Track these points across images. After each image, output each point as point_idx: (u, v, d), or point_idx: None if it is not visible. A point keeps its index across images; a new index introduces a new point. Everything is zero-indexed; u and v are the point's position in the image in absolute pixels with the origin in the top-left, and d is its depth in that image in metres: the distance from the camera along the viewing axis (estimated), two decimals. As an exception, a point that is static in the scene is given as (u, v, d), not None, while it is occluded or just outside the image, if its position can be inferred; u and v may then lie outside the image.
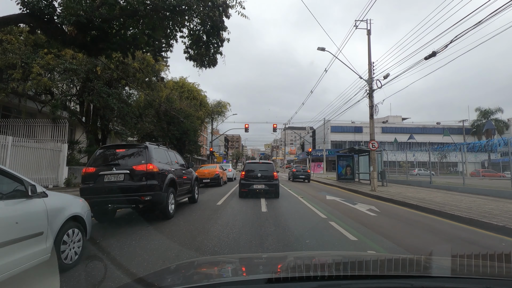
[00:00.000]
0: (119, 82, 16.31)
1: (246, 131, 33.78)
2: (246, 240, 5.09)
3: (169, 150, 8.28)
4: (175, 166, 8.02)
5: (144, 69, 17.35)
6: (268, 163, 11.93)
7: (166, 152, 7.70)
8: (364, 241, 5.21)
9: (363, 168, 22.11)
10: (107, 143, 17.14)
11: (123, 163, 6.24)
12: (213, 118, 35.73)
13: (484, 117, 55.16)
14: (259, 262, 1.91)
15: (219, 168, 18.73)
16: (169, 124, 23.29)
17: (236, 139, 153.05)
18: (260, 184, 11.00)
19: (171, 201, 6.96)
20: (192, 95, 30.37)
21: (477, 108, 56.05)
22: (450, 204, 9.37)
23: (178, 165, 8.32)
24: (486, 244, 5.21)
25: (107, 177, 5.99)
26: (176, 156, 8.57)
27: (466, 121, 54.08)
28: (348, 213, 8.23)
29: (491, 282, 1.16)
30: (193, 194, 9.50)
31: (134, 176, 6.04)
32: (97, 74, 14.10)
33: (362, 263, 1.56)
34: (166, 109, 22.32)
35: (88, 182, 6.07)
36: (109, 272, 3.46)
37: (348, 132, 61.01)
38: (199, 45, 8.11)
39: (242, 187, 11.17)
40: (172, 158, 8.00)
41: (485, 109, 55.35)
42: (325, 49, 15.19)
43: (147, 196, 6.03)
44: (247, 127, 33.57)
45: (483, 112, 55.40)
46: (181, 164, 8.90)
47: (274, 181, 11.17)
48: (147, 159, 6.24)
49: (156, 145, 7.29)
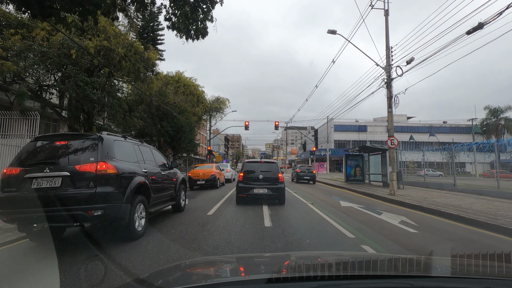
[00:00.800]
0: (101, 70, 14.35)
1: (246, 129, 31.84)
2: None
3: (143, 144, 6.32)
4: (151, 166, 6.08)
5: (132, 57, 15.40)
6: (271, 163, 9.94)
7: (137, 148, 5.74)
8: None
9: (374, 169, 20.15)
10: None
11: (62, 161, 4.29)
12: (212, 115, 33.67)
13: (494, 116, 53.17)
14: (259, 262, 1.88)
15: (216, 168, 16.77)
16: (162, 120, 21.30)
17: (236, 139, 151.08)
18: (261, 188, 9.04)
19: (139, 214, 5.01)
20: (188, 90, 28.34)
21: (486, 107, 54.02)
22: (504, 216, 7.39)
23: (155, 164, 6.37)
24: None
25: (36, 182, 4.04)
26: (153, 152, 6.62)
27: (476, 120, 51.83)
28: (378, 228, 6.25)
29: (491, 282, 1.14)
30: (178, 201, 7.54)
31: (77, 181, 4.09)
32: (72, 59, 12.14)
33: (362, 263, 1.54)
34: (158, 104, 20.34)
35: (8, 189, 4.12)
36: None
37: (351, 131, 59.02)
38: (181, 5, 6.12)
39: (240, 192, 9.21)
40: (146, 155, 6.04)
41: (494, 107, 53.34)
42: (336, 32, 13.23)
43: (97, 210, 4.08)
44: (247, 124, 31.63)
45: (493, 111, 53.37)
46: (161, 164, 6.96)
47: (279, 184, 9.21)
48: (99, 155, 4.28)
49: (120, 137, 5.35)
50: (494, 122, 52.22)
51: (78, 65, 12.82)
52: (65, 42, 12.13)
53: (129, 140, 5.61)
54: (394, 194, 12.34)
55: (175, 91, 25.60)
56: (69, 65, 12.32)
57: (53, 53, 11.70)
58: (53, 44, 12.10)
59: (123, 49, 14.34)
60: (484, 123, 54.90)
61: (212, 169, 16.17)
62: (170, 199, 7.15)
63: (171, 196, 7.22)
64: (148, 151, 6.35)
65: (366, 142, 54.39)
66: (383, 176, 18.07)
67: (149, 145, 6.91)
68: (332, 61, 18.64)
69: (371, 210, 8.75)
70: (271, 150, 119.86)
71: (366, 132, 59.01)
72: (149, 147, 6.53)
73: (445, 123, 62.65)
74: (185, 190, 8.25)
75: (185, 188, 8.37)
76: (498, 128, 51.97)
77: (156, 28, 31.54)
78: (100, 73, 14.29)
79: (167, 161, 7.37)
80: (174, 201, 7.38)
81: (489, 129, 52.48)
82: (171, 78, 28.29)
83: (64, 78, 12.91)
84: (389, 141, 12.67)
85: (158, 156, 6.92)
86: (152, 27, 31.19)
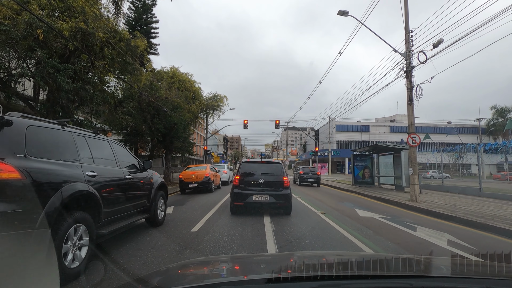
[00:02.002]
0: (79, 58, 12.56)
1: (245, 128, 30.07)
2: None
3: (100, 137, 4.54)
4: (108, 167, 4.32)
5: (116, 45, 13.62)
6: (274, 163, 8.11)
7: (83, 141, 3.96)
8: None
9: (384, 171, 18.39)
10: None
11: None
12: (209, 113, 31.78)
13: (501, 116, 51.62)
14: (259, 262, 1.86)
15: (210, 170, 14.98)
16: (153, 116, 19.48)
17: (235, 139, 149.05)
18: (263, 195, 7.26)
19: (75, 242, 3.24)
20: (183, 85, 26.45)
21: (492, 106, 52.59)
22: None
23: (116, 165, 4.60)
24: None
25: None
26: (115, 149, 4.84)
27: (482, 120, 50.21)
28: (427, 255, 4.48)
29: (491, 282, 1.13)
30: (154, 212, 5.77)
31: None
32: (40, 40, 10.36)
33: (362, 263, 1.53)
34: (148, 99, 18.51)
35: None
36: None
37: (354, 132, 57.37)
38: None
39: (235, 199, 7.41)
40: (99, 153, 4.28)
41: (501, 107, 51.85)
42: (348, 13, 11.49)
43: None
44: (246, 122, 29.87)
45: (499, 111, 51.90)
46: (130, 165, 5.20)
47: (285, 190, 7.43)
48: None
49: (55, 124, 3.60)
50: (501, 122, 50.66)
51: (48, 48, 11.04)
52: (33, 21, 10.35)
53: (71, 130, 3.82)
54: (416, 201, 10.58)
55: (169, 87, 23.76)
56: (37, 48, 10.53)
57: (16, 33, 9.92)
58: (18, 23, 10.33)
59: (104, 34, 12.54)
60: (490, 123, 53.33)
61: (206, 170, 14.38)
62: (141, 211, 5.38)
63: (143, 207, 5.45)
64: (106, 147, 4.58)
65: (369, 143, 52.69)
66: (395, 178, 16.32)
67: (112, 140, 5.10)
68: (339, 53, 16.92)
69: (399, 223, 6.99)
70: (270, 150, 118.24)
71: (368, 133, 57.38)
72: (108, 141, 4.73)
73: (449, 123, 61.06)
74: (164, 198, 6.47)
75: (165, 195, 6.58)
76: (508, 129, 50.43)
77: (150, 21, 29.83)
78: (77, 60, 12.47)
79: (138, 161, 5.60)
80: (148, 213, 5.61)
81: (496, 129, 50.92)
82: (165, 74, 26.49)
83: (36, 65, 11.15)
84: (409, 138, 10.92)
85: (124, 155, 5.15)
86: (145, 19, 29.47)
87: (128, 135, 25.66)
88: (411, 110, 11.17)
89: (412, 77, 11.19)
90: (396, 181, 16.19)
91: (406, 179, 15.22)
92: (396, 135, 55.59)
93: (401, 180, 15.37)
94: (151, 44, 29.55)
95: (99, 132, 4.52)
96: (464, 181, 24.71)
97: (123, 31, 14.59)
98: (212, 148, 66.06)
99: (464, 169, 31.81)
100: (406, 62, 11.27)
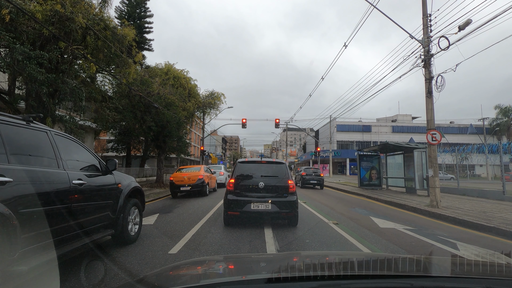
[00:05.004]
0: (56, 45, 11.18)
1: (243, 127, 28.74)
2: None
3: (36, 126, 3.18)
4: (42, 168, 2.99)
5: (100, 33, 12.27)
6: (277, 164, 6.66)
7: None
8: None
9: (392, 172, 17.09)
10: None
11: None
12: (205, 111, 30.41)
13: (505, 115, 50.45)
14: (259, 262, 1.84)
15: (205, 171, 13.62)
16: (144, 113, 18.10)
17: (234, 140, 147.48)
18: (263, 203, 5.90)
19: None
20: (179, 82, 25.08)
21: (496, 106, 51.40)
22: None
23: (57, 166, 3.25)
24: None
25: None
26: (57, 146, 3.45)
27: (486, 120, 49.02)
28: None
29: (491, 282, 1.12)
30: (122, 227, 4.42)
31: None
32: (6, 22, 9.01)
33: (362, 263, 1.52)
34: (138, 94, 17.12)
35: None
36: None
37: (355, 132, 56.13)
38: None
39: (229, 208, 6.05)
40: (35, 148, 2.95)
41: (505, 106, 50.66)
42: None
43: None
44: (245, 122, 28.55)
45: (504, 110, 50.67)
46: (85, 167, 3.87)
47: (290, 197, 6.07)
48: None
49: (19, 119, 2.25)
50: (506, 122, 49.53)
51: (18, 33, 9.70)
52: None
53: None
54: (438, 206, 9.26)
55: (163, 83, 22.36)
56: (3, 31, 9.17)
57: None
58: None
59: (84, 19, 11.19)
60: (494, 123, 52.16)
61: (200, 172, 13.01)
62: (102, 227, 4.04)
63: (106, 221, 4.11)
64: (42, 141, 3.22)
65: (371, 143, 51.41)
66: (406, 180, 15.01)
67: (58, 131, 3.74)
68: (344, 45, 15.67)
69: (430, 236, 5.66)
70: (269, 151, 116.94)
71: (370, 133, 56.15)
72: (46, 132, 3.36)
73: (451, 123, 59.96)
74: (139, 208, 5.11)
75: (141, 204, 5.23)
76: (510, 128, 49.28)
77: (144, 15, 28.49)
78: (53, 48, 11.09)
79: (100, 161, 4.24)
80: (113, 229, 4.26)
81: (501, 129, 49.75)
82: (159, 70, 25.11)
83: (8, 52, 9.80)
84: (429, 135, 9.61)
85: (75, 152, 3.80)
86: (139, 13, 28.12)
87: (120, 134, 24.31)
88: (430, 103, 9.86)
89: (432, 66, 9.90)
90: (407, 183, 14.88)
91: (420, 181, 13.92)
92: (398, 135, 54.41)
93: (413, 182, 14.06)
94: (144, 39, 28.21)
95: (33, 120, 3.18)
96: (473, 183, 23.52)
97: (109, 18, 13.25)
98: (210, 148, 64.58)
99: (467, 169, 30.64)
100: (424, 49, 9.97)
